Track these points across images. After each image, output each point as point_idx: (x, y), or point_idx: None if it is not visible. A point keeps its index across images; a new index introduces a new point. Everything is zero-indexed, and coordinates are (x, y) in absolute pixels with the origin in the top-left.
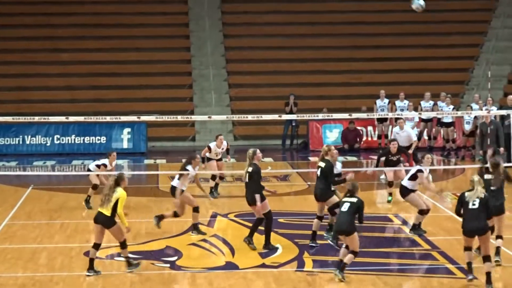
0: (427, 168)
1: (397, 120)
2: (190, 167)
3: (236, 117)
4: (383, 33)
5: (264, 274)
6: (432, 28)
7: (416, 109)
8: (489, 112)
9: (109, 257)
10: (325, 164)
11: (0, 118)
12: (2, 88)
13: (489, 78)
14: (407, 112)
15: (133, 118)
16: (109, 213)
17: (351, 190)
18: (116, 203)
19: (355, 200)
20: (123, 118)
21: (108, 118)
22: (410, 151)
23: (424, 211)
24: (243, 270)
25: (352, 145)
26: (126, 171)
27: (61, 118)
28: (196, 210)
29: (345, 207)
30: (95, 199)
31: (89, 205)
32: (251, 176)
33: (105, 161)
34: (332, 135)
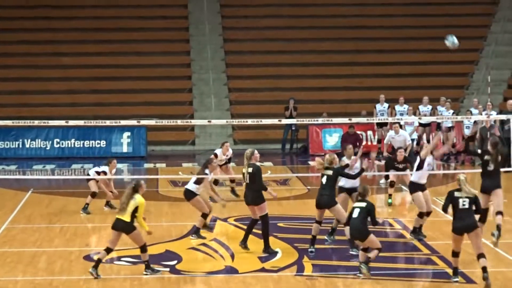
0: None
1: (393, 124)
2: (208, 171)
3: (236, 122)
4: (384, 38)
5: (264, 278)
6: (432, 33)
7: (415, 114)
8: (489, 117)
9: (109, 261)
10: (333, 171)
11: (0, 122)
12: (3, 92)
13: (489, 83)
14: (407, 117)
15: (133, 122)
16: (129, 219)
17: (362, 194)
18: (135, 210)
19: (365, 205)
20: (123, 122)
21: (108, 122)
22: (406, 153)
23: (424, 214)
24: (243, 274)
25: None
26: (126, 175)
27: (61, 122)
28: (204, 216)
29: (356, 213)
30: (95, 204)
31: (87, 211)
32: (252, 176)
33: (105, 169)
34: (332, 140)
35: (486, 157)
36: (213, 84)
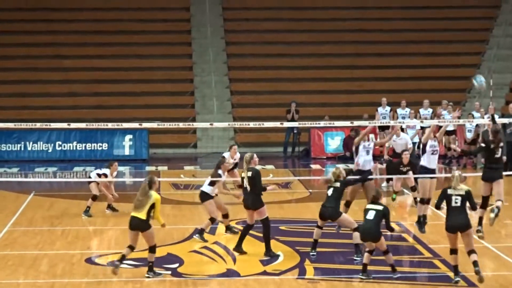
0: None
1: (393, 127)
2: (221, 172)
3: (238, 124)
4: (385, 41)
5: (265, 282)
6: (434, 36)
7: (416, 117)
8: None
9: (110, 264)
10: (341, 184)
11: (2, 125)
12: (4, 95)
13: (491, 86)
14: (409, 120)
15: (135, 125)
16: (145, 217)
17: (376, 197)
18: (151, 206)
19: (381, 208)
20: (125, 125)
21: (110, 125)
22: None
23: (425, 201)
24: (244, 278)
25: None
26: (128, 178)
27: (63, 125)
28: (213, 220)
29: (371, 215)
30: (96, 207)
31: (88, 214)
32: (252, 180)
33: (106, 171)
34: (334, 143)
35: (492, 146)
36: (215, 87)
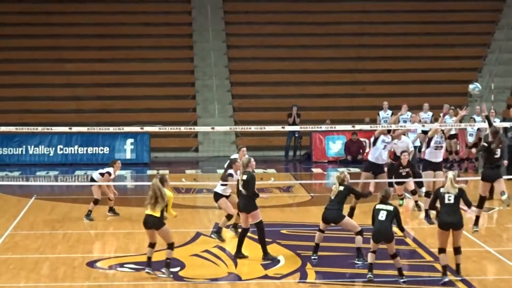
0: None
1: (394, 131)
2: (233, 171)
3: (239, 128)
4: (387, 45)
5: (267, 285)
6: (436, 40)
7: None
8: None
9: (111, 268)
10: (345, 187)
11: (4, 128)
12: (6, 98)
13: (493, 90)
14: (410, 124)
15: (136, 129)
16: (159, 214)
17: (386, 197)
18: (165, 204)
19: (392, 208)
20: (126, 129)
21: (111, 129)
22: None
23: (430, 194)
24: (246, 281)
25: (355, 157)
26: (129, 182)
27: (65, 129)
28: (229, 218)
29: (383, 216)
30: (98, 210)
31: (90, 217)
32: (246, 184)
33: (110, 170)
34: (335, 147)
35: (492, 146)
36: (217, 91)
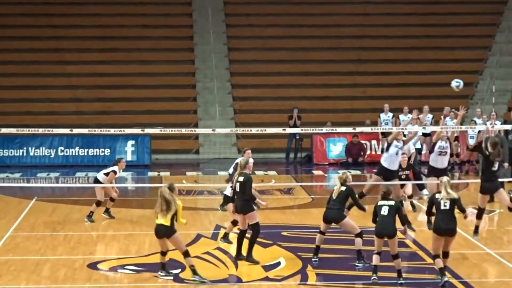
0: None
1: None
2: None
3: (240, 130)
4: (387, 47)
5: (268, 287)
6: (437, 43)
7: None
8: (493, 127)
9: (112, 270)
10: (346, 188)
11: (5, 130)
12: (7, 100)
13: (494, 93)
14: (411, 126)
15: (137, 131)
16: (169, 223)
17: (386, 193)
18: (175, 213)
19: (393, 203)
20: (127, 131)
21: (112, 131)
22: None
23: None
24: (246, 283)
25: (356, 159)
26: (130, 184)
27: (65, 130)
28: (234, 224)
29: (385, 211)
30: (99, 212)
31: (91, 219)
32: (242, 186)
33: (115, 168)
34: (336, 149)
35: (491, 158)
36: (218, 93)
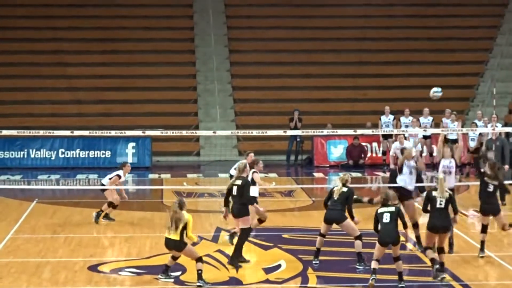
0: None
1: (397, 136)
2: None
3: (241, 133)
4: (388, 50)
5: None
6: (438, 45)
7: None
8: (494, 129)
9: (113, 272)
10: (348, 189)
11: (5, 132)
12: (8, 102)
13: (494, 95)
14: (411, 128)
15: (138, 133)
16: (178, 237)
17: (386, 199)
18: (184, 227)
19: (394, 209)
20: (128, 133)
21: (113, 133)
22: None
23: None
24: (247, 286)
25: (357, 161)
26: (130, 186)
27: (66, 132)
28: (261, 221)
29: (387, 218)
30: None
31: (98, 220)
32: (240, 189)
33: (119, 172)
34: (337, 151)
35: (485, 179)
36: (218, 95)
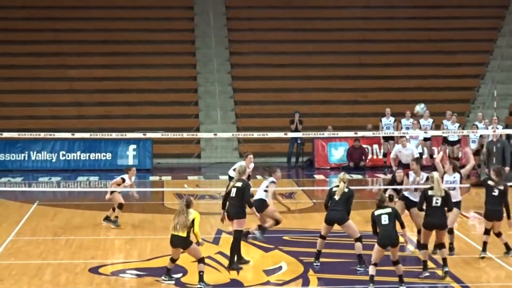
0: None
1: (401, 138)
2: (274, 179)
3: (242, 135)
4: (389, 51)
5: None
6: (438, 47)
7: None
8: (495, 131)
9: (113, 274)
10: (349, 190)
11: (6, 134)
12: (9, 104)
13: (495, 97)
14: (412, 130)
15: (139, 135)
16: (185, 234)
17: (381, 201)
18: (191, 223)
19: (391, 210)
20: (129, 135)
21: (114, 135)
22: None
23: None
24: None
25: (358, 163)
26: (131, 188)
27: (67, 135)
28: (278, 223)
29: (385, 220)
30: (101, 216)
31: (117, 224)
32: (239, 192)
33: (124, 176)
34: (338, 153)
35: (490, 183)
36: (219, 97)
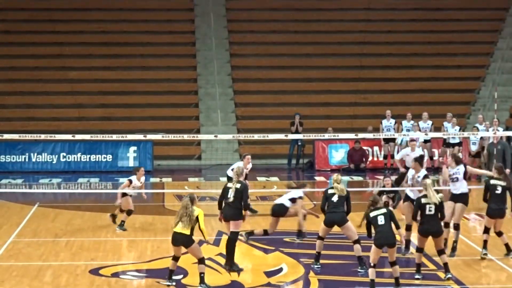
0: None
1: (411, 142)
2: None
3: (242, 136)
4: (390, 54)
5: None
6: (439, 49)
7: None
8: (496, 133)
9: (114, 276)
10: (347, 191)
11: (7, 136)
12: (10, 106)
13: (495, 99)
14: (412, 133)
15: (139, 137)
16: (189, 232)
17: (374, 202)
18: (195, 220)
19: (386, 210)
20: (130, 137)
21: (115, 137)
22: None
23: (448, 225)
24: None
25: (358, 165)
26: (132, 190)
27: (68, 136)
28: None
29: (382, 220)
30: (102, 217)
31: (123, 227)
32: (238, 193)
33: (132, 177)
34: (338, 155)
35: (493, 181)
36: (220, 99)
